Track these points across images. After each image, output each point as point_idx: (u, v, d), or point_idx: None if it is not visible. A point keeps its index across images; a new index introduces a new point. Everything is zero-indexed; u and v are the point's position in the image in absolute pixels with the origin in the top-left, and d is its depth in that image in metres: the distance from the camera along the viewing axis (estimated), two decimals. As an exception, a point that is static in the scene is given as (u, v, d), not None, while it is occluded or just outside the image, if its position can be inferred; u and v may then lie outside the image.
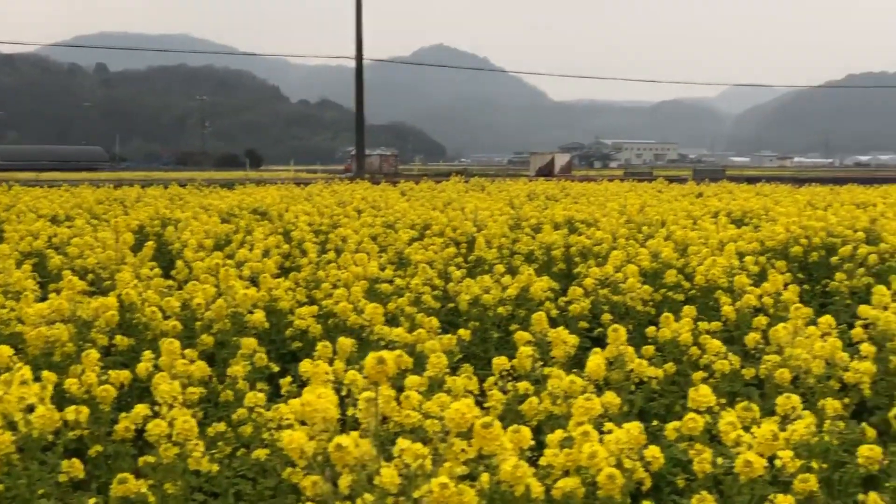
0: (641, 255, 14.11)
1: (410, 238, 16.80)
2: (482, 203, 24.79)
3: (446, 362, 6.98)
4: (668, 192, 33.75)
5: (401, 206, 23.32)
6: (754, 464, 4.66)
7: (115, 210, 23.75)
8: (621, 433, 4.83)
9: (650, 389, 8.20)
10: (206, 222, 18.64)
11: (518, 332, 8.62)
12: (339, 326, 9.93)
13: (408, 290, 11.80)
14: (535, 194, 33.04)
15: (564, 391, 6.18)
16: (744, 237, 16.44)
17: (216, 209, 23.17)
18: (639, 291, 11.93)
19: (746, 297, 10.66)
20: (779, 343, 8.09)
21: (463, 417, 4.43)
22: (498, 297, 11.55)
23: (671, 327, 9.26)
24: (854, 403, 7.53)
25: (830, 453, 5.64)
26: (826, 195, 31.31)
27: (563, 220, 20.72)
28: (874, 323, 8.95)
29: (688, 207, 24.08)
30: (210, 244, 15.75)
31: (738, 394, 8.40)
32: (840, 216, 19.91)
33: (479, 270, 14.26)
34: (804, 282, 15.02)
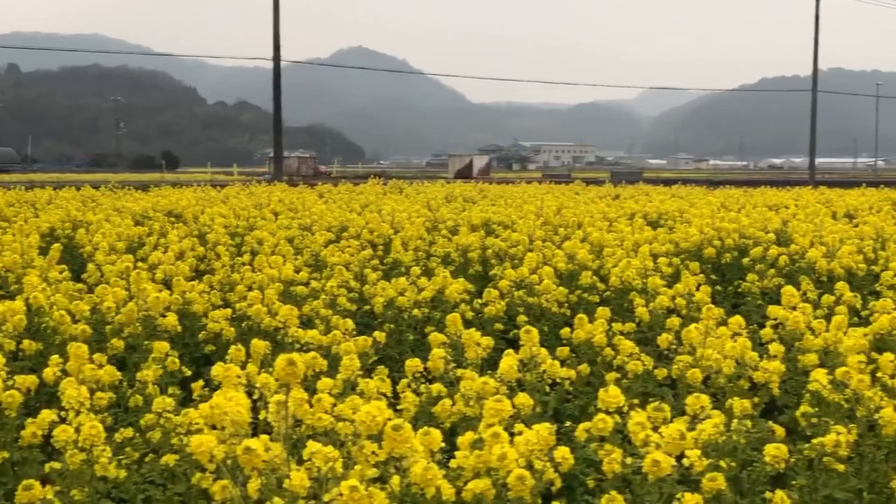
0: (557, 257, 14.21)
1: (327, 240, 16.73)
2: (399, 205, 24.78)
3: (359, 364, 6.93)
4: (586, 194, 34.01)
5: (318, 209, 23.21)
6: (662, 463, 4.69)
7: (25, 213, 23.34)
8: (531, 434, 4.83)
9: (564, 390, 8.23)
10: (118, 225, 18.40)
11: (433, 334, 8.63)
12: (254, 329, 9.85)
13: (323, 292, 11.75)
14: (453, 196, 33.13)
15: (477, 393, 6.17)
16: (658, 239, 16.63)
17: (130, 211, 22.87)
18: (554, 293, 11.99)
19: (660, 298, 10.77)
20: (690, 343, 8.18)
21: (373, 420, 4.41)
22: (413, 300, 11.54)
23: (585, 329, 9.32)
24: (764, 402, 7.63)
25: (738, 452, 5.71)
26: (740, 197, 31.82)
27: (481, 222, 20.80)
28: (783, 323, 9.10)
29: (604, 209, 24.30)
30: (122, 247, 15.55)
31: (652, 394, 8.48)
32: (752, 218, 20.23)
33: (395, 273, 14.24)
34: (717, 283, 15.23)
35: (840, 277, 13.31)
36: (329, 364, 7.66)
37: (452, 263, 15.57)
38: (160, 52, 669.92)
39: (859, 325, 9.29)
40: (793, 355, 8.55)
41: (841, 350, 7.98)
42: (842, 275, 13.76)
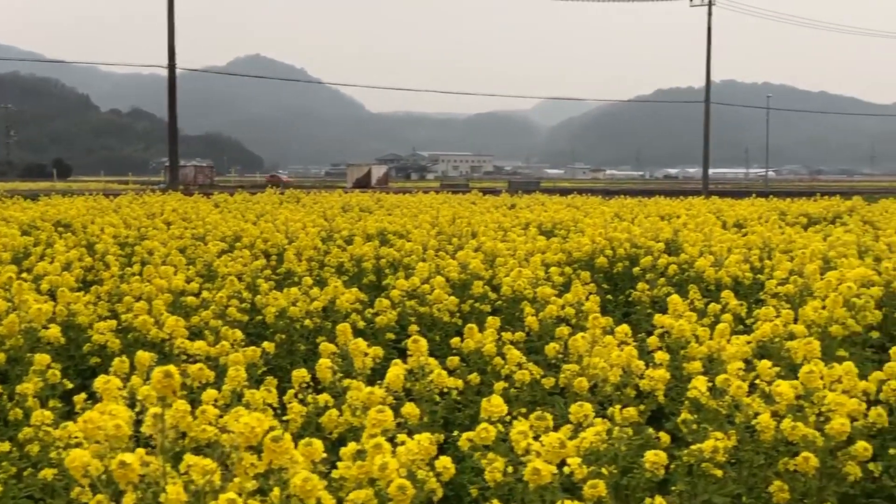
0: (450, 267, 14.24)
1: (220, 250, 16.55)
2: (295, 215, 24.63)
3: (245, 375, 6.88)
4: (482, 204, 34.15)
5: (212, 218, 22.96)
6: (542, 471, 4.73)
7: None
8: (412, 444, 4.84)
9: (454, 400, 8.25)
10: (3, 235, 17.99)
11: (323, 345, 8.59)
12: (140, 340, 9.71)
13: (214, 302, 11.62)
14: (350, 206, 33.02)
15: (363, 403, 6.15)
16: (551, 248, 16.74)
17: (17, 221, 22.37)
18: (445, 303, 12.01)
19: (549, 307, 10.83)
20: (577, 352, 8.25)
21: (252, 431, 4.37)
22: (305, 310, 11.49)
23: (475, 338, 9.35)
24: (650, 410, 7.74)
25: (619, 459, 5.78)
26: (634, 207, 32.20)
27: (376, 231, 20.76)
28: (669, 331, 9.23)
29: (500, 219, 24.42)
30: (7, 257, 15.19)
31: (542, 403, 8.53)
32: (644, 227, 20.49)
33: (288, 283, 14.15)
34: (609, 292, 15.40)
35: (727, 286, 13.55)
36: (217, 375, 7.59)
37: (346, 273, 15.53)
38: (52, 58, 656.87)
39: (744, 333, 9.46)
40: (678, 363, 8.69)
41: (724, 357, 8.11)
42: (729, 283, 14.01)
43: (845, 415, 6.22)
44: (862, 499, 7.05)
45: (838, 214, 30.56)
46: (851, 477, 6.32)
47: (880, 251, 16.56)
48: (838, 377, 6.77)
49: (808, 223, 26.86)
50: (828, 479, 6.31)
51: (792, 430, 6.09)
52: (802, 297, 12.32)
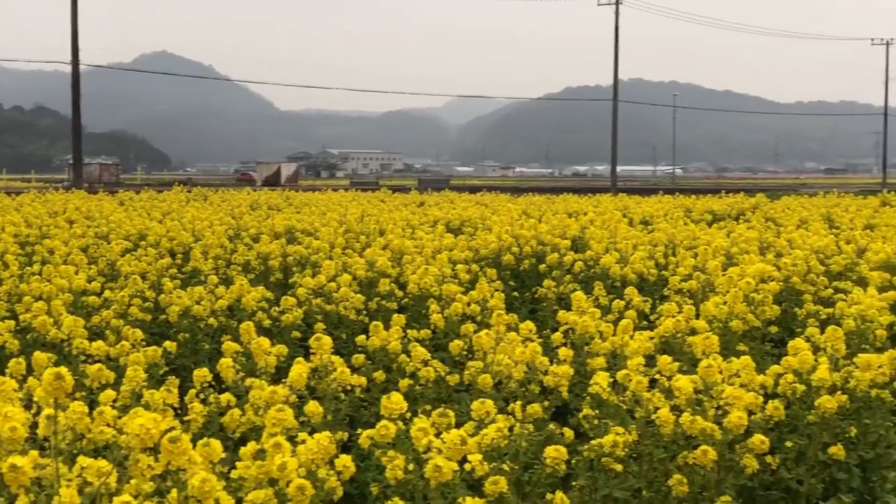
0: (357, 265, 14.20)
1: (124, 249, 16.33)
2: (202, 213, 24.39)
3: (144, 375, 6.79)
4: (391, 202, 34.17)
5: (116, 217, 22.65)
6: (443, 468, 4.74)
7: None
8: (312, 443, 4.80)
9: (359, 398, 8.23)
10: None
11: (226, 343, 8.51)
12: (39, 341, 9.52)
13: (116, 302, 11.46)
14: (259, 204, 32.83)
15: (266, 402, 6.11)
16: (458, 246, 16.78)
17: (-87, 222, 21.83)
18: (352, 300, 11.99)
19: (454, 304, 10.85)
20: (482, 349, 8.27)
21: (148, 432, 4.30)
22: (210, 308, 11.38)
23: (380, 336, 9.33)
24: (555, 406, 7.78)
25: (520, 455, 5.80)
26: (542, 204, 32.41)
27: (284, 229, 20.66)
28: (573, 328, 9.30)
29: (408, 217, 24.44)
30: None
31: (447, 401, 8.54)
32: (551, 225, 20.62)
33: (194, 281, 14.02)
34: (516, 289, 15.47)
35: (632, 282, 13.71)
36: (118, 376, 7.48)
37: (253, 272, 15.43)
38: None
39: (648, 329, 9.56)
40: (582, 359, 8.75)
41: (627, 353, 8.20)
42: (634, 280, 14.17)
43: (743, 408, 6.32)
44: (760, 491, 7.18)
45: (742, 211, 31.10)
46: (749, 469, 6.43)
47: (781, 247, 16.88)
48: (736, 371, 6.88)
49: (713, 220, 27.31)
50: (726, 472, 6.41)
51: (691, 423, 6.18)
52: (705, 292, 12.51)
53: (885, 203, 35.34)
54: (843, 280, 14.06)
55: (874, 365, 7.55)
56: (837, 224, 24.43)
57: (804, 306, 12.21)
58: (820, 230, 20.50)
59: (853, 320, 9.82)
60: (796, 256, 14.45)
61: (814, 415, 7.11)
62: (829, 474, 7.37)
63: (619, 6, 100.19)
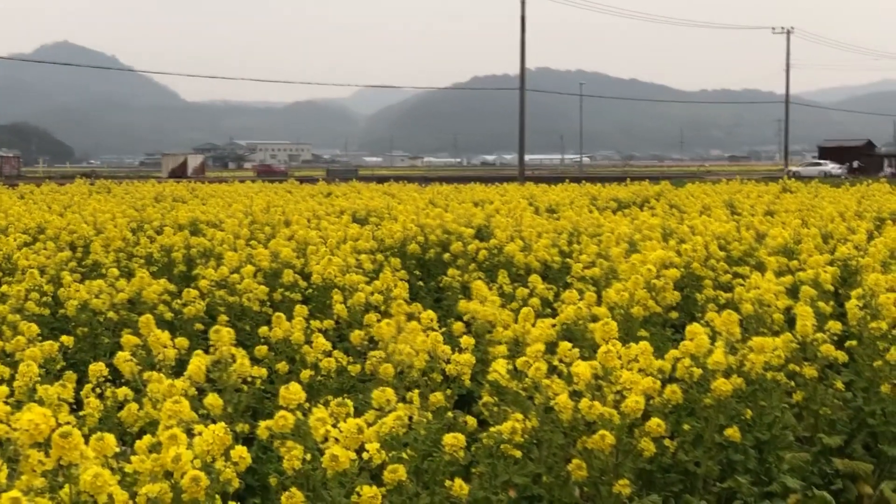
0: (261, 256, 14.09)
1: (22, 242, 16.03)
2: (104, 206, 24.00)
3: (37, 370, 6.68)
4: (298, 192, 33.97)
5: (15, 210, 22.23)
6: (340, 457, 4.74)
7: None
8: (208, 434, 4.77)
9: (261, 389, 8.19)
10: None
11: (126, 337, 8.39)
12: (-68, 337, 9.33)
13: (11, 296, 11.25)
14: (164, 196, 32.47)
15: (164, 395, 6.05)
16: (363, 236, 16.74)
17: None
18: (256, 292, 11.92)
19: (357, 294, 10.82)
20: (383, 339, 8.27)
21: (37, 428, 4.25)
22: (110, 302, 11.22)
23: (283, 326, 9.27)
24: (458, 394, 7.81)
25: (419, 443, 5.82)
26: (449, 193, 32.47)
27: (188, 221, 20.44)
28: (475, 316, 9.35)
29: (315, 207, 24.34)
30: None
31: (349, 391, 8.54)
32: (457, 214, 20.69)
33: (95, 275, 13.79)
34: (421, 278, 15.50)
35: (536, 270, 13.82)
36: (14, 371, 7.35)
37: (156, 264, 15.24)
38: None
39: (551, 317, 9.63)
40: (484, 347, 8.80)
41: (528, 341, 8.26)
42: (538, 268, 14.28)
43: (640, 392, 6.41)
44: (658, 474, 7.28)
45: (647, 199, 31.47)
46: (647, 453, 6.53)
47: (683, 234, 17.10)
48: (635, 356, 6.96)
49: (619, 207, 27.59)
50: (624, 456, 6.50)
51: (589, 409, 6.25)
52: (608, 279, 12.63)
53: (786, 189, 36.03)
54: (743, 265, 14.32)
55: (769, 348, 7.71)
56: (739, 210, 24.83)
57: (704, 291, 12.42)
58: (722, 216, 20.82)
59: (751, 304, 9.99)
60: (697, 242, 14.66)
61: (710, 398, 7.23)
62: (726, 456, 7.50)
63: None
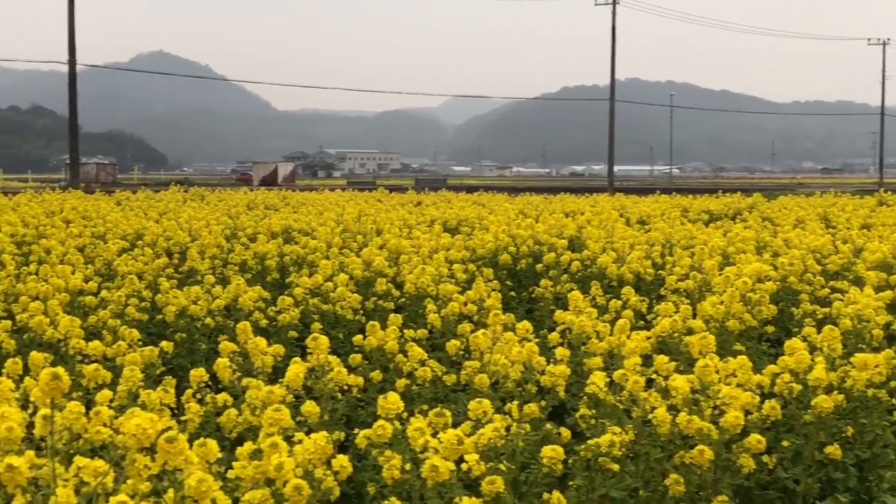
0: (354, 264, 14.18)
1: (121, 249, 16.32)
2: (198, 213, 24.36)
3: (140, 375, 6.79)
4: (388, 202, 34.12)
5: (113, 217, 22.62)
6: (440, 468, 4.74)
7: None
8: (309, 443, 4.80)
9: (356, 398, 8.23)
10: None
11: (223, 343, 8.49)
12: (35, 341, 9.52)
13: (112, 302, 11.44)
14: (255, 204, 32.79)
15: (263, 401, 6.11)
16: (455, 245, 16.76)
17: (-90, 220, 21.80)
18: (349, 300, 11.98)
19: (451, 304, 10.83)
20: (479, 349, 8.27)
21: (144, 432, 4.31)
22: (207, 308, 11.36)
23: (377, 335, 9.32)
24: (552, 405, 7.79)
25: (517, 455, 5.80)
26: (539, 204, 32.38)
27: (281, 229, 20.64)
28: (570, 327, 9.30)
29: (405, 216, 24.42)
30: None
31: (443, 400, 8.54)
32: (548, 224, 20.62)
33: (191, 281, 14.00)
34: (513, 289, 15.46)
35: (629, 282, 13.72)
36: (115, 376, 7.48)
37: (250, 271, 15.41)
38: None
39: (645, 329, 9.56)
40: (579, 359, 8.76)
41: (624, 353, 8.20)
42: (631, 280, 14.18)
43: (739, 408, 6.33)
44: (756, 490, 7.18)
45: (739, 211, 31.08)
46: (745, 469, 6.44)
47: (778, 247, 16.87)
48: (733, 371, 6.88)
49: (710, 220, 27.29)
50: (722, 472, 6.41)
51: (687, 423, 6.18)
52: (702, 292, 12.51)
53: (882, 202, 35.35)
54: (840, 280, 14.06)
55: (870, 364, 7.56)
56: (834, 224, 24.42)
57: (801, 306, 12.21)
58: (816, 230, 20.51)
59: (850, 320, 9.84)
60: (793, 256, 14.43)
61: (810, 414, 7.12)
62: (826, 473, 7.38)
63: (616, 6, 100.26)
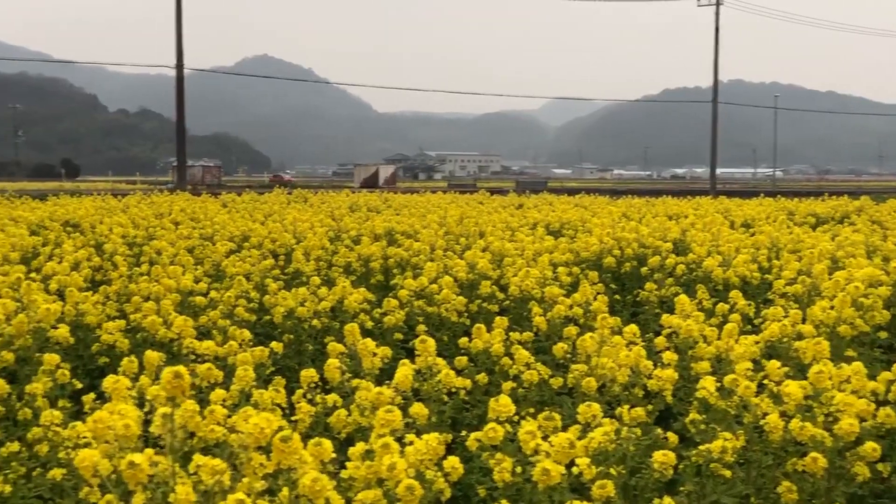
0: (458, 267, 14.22)
1: (228, 250, 16.57)
2: (303, 215, 24.64)
3: (253, 375, 6.88)
4: (490, 204, 34.16)
5: (220, 218, 23.00)
6: (551, 472, 4.73)
7: (-81, 222, 22.71)
8: (420, 444, 4.83)
9: (461, 400, 8.24)
10: (13, 235, 18.01)
11: (331, 344, 8.57)
12: (148, 340, 9.71)
13: (222, 302, 11.62)
14: (358, 206, 33.06)
15: (372, 403, 6.15)
16: (559, 248, 16.72)
17: (25, 221, 22.41)
18: (454, 302, 12.00)
19: (557, 307, 10.80)
20: (586, 352, 8.24)
21: (261, 431, 4.37)
22: (313, 310, 11.48)
23: (483, 338, 9.33)
24: (658, 410, 7.72)
25: (628, 459, 5.77)
26: (641, 207, 32.14)
27: (384, 231, 20.78)
28: (677, 331, 9.22)
29: (507, 219, 24.42)
30: (16, 257, 15.21)
31: (550, 403, 8.52)
32: (652, 227, 20.47)
33: (296, 282, 14.15)
34: (617, 292, 15.37)
35: (735, 286, 13.52)
36: (225, 375, 7.60)
37: (354, 273, 15.53)
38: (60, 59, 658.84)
39: (752, 333, 9.43)
40: (686, 363, 8.67)
41: (732, 357, 8.11)
42: (737, 283, 13.98)
43: (854, 415, 6.20)
44: (870, 499, 7.04)
45: (846, 214, 30.47)
46: (860, 477, 6.31)
47: (889, 251, 16.51)
48: (847, 377, 6.75)
49: (817, 223, 26.79)
50: (836, 480, 6.29)
51: (800, 430, 6.08)
52: (811, 297, 12.28)
53: None
54: (955, 285, 13.71)
55: None
56: (947, 227, 23.81)
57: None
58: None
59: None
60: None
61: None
62: (943, 483, 7.21)
63: (719, 6, 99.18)
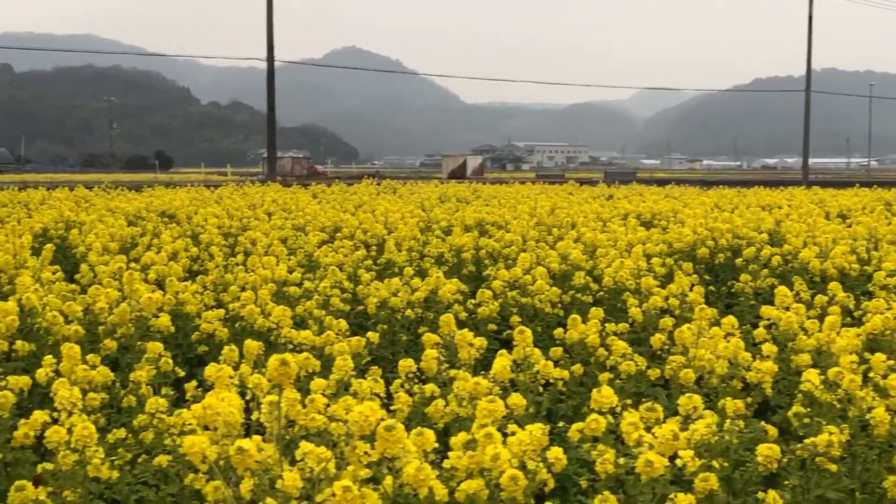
0: (550, 258, 14.18)
1: (320, 241, 16.70)
2: (393, 205, 24.75)
3: (352, 365, 6.93)
4: (579, 195, 34.00)
5: (311, 209, 23.19)
6: (655, 463, 4.69)
7: (18, 213, 23.25)
8: (524, 435, 4.82)
9: (557, 391, 8.22)
10: (111, 225, 18.36)
11: (426, 335, 8.60)
12: (247, 330, 9.83)
13: (316, 292, 11.72)
14: (447, 196, 33.10)
15: (470, 393, 6.16)
16: (652, 239, 16.61)
17: (123, 212, 22.82)
18: (547, 293, 11.97)
19: (653, 298, 10.74)
20: (683, 344, 8.17)
21: (366, 420, 4.40)
22: (406, 300, 11.53)
23: (578, 329, 9.30)
24: (756, 403, 7.63)
25: (731, 452, 5.71)
26: (733, 197, 31.80)
27: (474, 222, 20.79)
28: (776, 323, 9.09)
29: (598, 209, 24.30)
30: (115, 247, 15.50)
31: (645, 394, 8.46)
32: (746, 218, 20.24)
33: (388, 273, 14.21)
34: (711, 283, 15.22)
35: (833, 278, 13.32)
36: (322, 365, 7.65)
37: (446, 264, 15.55)
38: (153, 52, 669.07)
39: (852, 326, 9.28)
40: (786, 356, 8.55)
41: (834, 350, 7.99)
42: (835, 275, 13.77)
43: (963, 410, 6.08)
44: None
45: (946, 204, 29.83)
46: (969, 473, 6.18)
47: None
48: (955, 371, 6.62)
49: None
50: (943, 475, 6.17)
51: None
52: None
53: None
54: None
55: None
56: None
57: None
58: None
59: None
60: None
61: None
62: None
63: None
